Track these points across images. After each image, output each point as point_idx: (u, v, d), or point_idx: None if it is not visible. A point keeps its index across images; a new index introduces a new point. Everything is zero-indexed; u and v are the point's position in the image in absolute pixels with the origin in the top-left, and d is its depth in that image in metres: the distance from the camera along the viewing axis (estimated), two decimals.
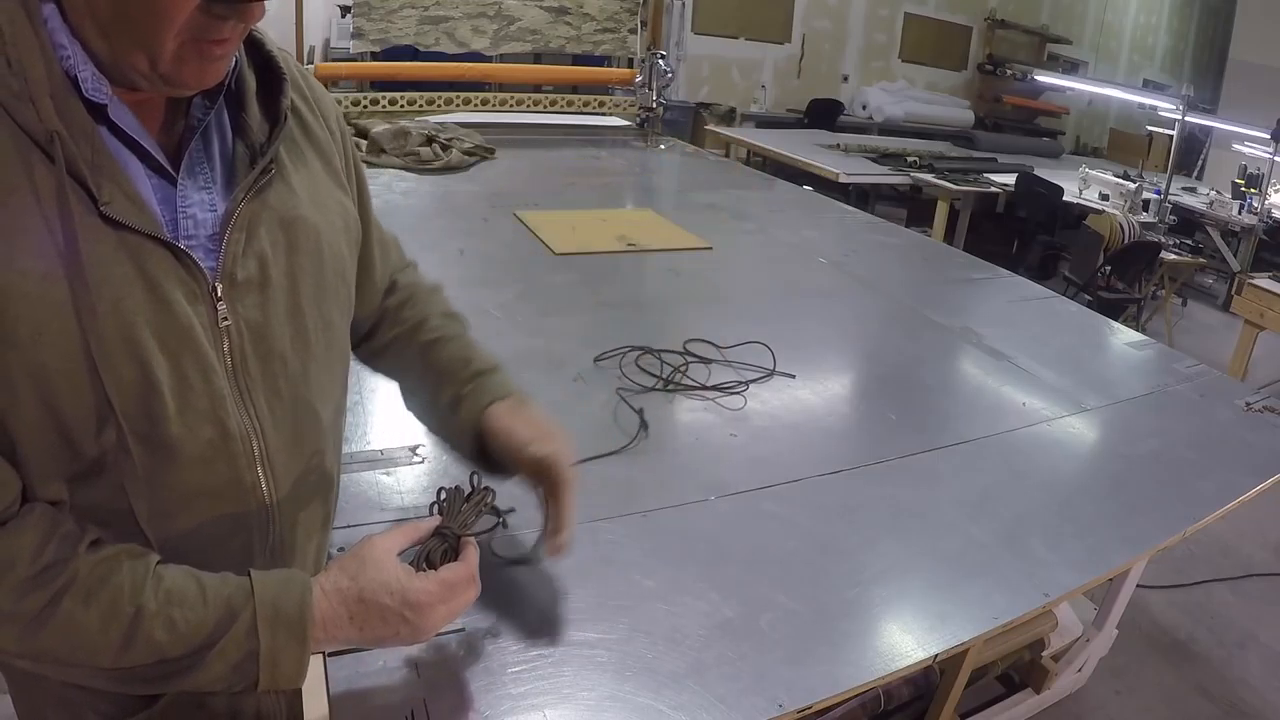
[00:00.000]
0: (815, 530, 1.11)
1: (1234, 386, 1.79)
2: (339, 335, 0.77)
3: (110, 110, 0.59)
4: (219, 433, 0.65)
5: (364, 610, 0.66)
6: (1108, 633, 2.05)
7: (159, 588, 0.61)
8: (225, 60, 0.61)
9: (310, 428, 0.73)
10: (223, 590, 0.63)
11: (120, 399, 0.59)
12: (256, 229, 0.66)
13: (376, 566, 0.68)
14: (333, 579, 0.67)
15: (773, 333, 1.67)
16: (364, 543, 0.70)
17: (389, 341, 0.93)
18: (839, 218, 2.92)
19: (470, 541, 0.76)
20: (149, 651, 0.61)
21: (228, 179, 0.66)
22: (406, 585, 0.68)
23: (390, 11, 3.68)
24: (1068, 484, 1.31)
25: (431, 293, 0.98)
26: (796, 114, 7.60)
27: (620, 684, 0.82)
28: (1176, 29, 10.10)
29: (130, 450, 0.61)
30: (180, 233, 0.63)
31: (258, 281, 0.67)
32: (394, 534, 0.72)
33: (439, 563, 0.73)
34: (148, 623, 0.60)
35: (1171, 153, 5.34)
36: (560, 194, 2.86)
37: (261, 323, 0.67)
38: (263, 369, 0.68)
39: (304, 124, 0.75)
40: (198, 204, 0.64)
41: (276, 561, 0.74)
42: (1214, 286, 6.01)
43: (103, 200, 0.57)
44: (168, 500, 0.65)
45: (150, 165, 0.62)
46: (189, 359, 0.62)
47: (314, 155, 0.75)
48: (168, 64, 0.57)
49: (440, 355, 0.91)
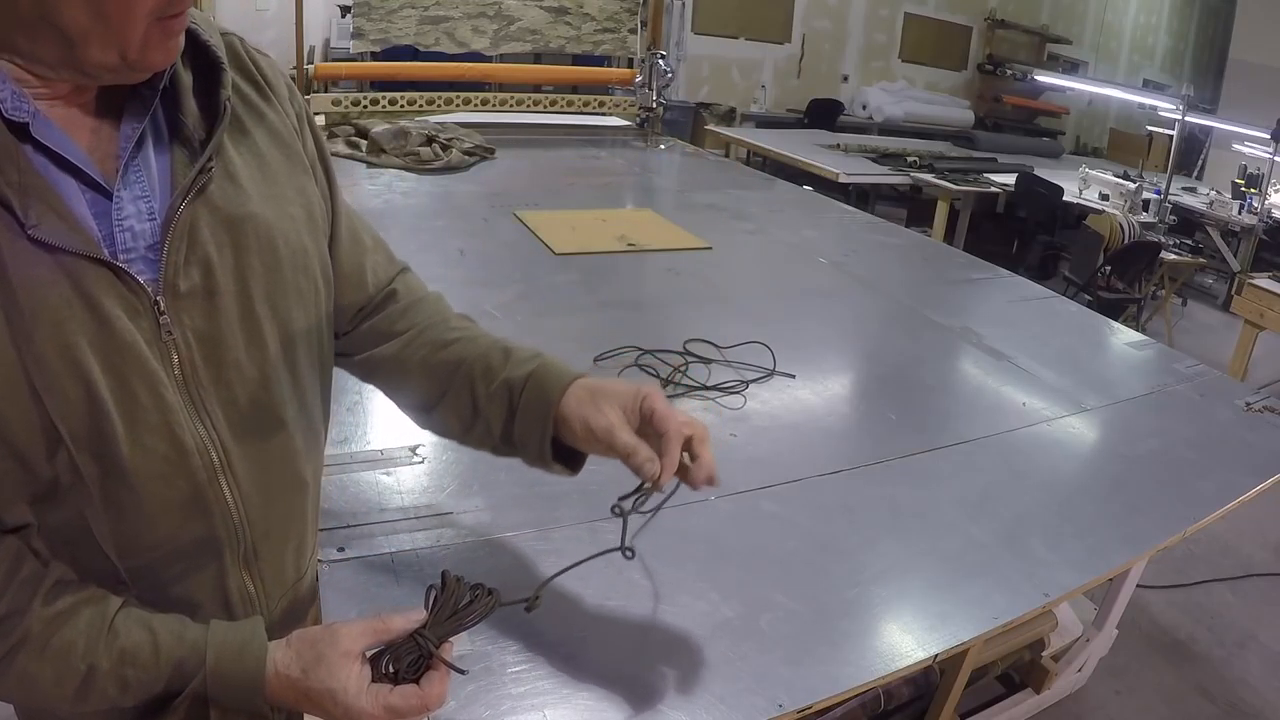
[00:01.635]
0: (815, 530, 1.11)
1: (1234, 386, 1.79)
2: (303, 333, 0.73)
3: (33, 128, 0.56)
4: (174, 447, 0.64)
5: (308, 705, 0.66)
6: (1108, 633, 2.06)
7: (113, 645, 0.62)
8: (181, 35, 0.60)
9: (275, 433, 0.72)
10: (176, 651, 0.64)
11: (67, 422, 0.58)
12: (199, 233, 0.64)
13: (329, 669, 0.64)
14: (287, 662, 0.65)
15: (773, 333, 1.67)
16: (327, 633, 0.66)
17: (392, 352, 0.85)
18: (839, 218, 2.92)
19: (444, 657, 0.67)
20: (103, 702, 0.63)
21: (166, 184, 0.64)
22: (351, 702, 0.63)
23: (390, 11, 3.67)
24: (1068, 484, 1.31)
25: (438, 299, 0.91)
26: (796, 114, 7.60)
27: (620, 684, 0.82)
28: (1176, 29, 10.10)
29: (83, 473, 0.60)
30: (118, 247, 0.61)
31: (203, 289, 0.64)
32: (363, 629, 0.67)
33: (403, 672, 0.66)
34: (101, 680, 0.62)
35: (1171, 153, 5.33)
36: (560, 194, 2.86)
37: (211, 331, 0.65)
38: (216, 378, 0.66)
39: (255, 111, 0.71)
40: (134, 215, 0.62)
41: (251, 571, 0.73)
42: (1214, 286, 6.00)
43: (30, 223, 0.55)
44: (131, 519, 0.64)
45: (83, 180, 0.60)
46: (135, 376, 0.61)
47: (269, 143, 0.71)
48: (135, 51, 0.56)
49: (470, 355, 0.82)
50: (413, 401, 0.86)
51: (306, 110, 0.78)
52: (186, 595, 0.70)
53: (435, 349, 0.83)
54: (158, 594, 0.68)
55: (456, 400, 0.82)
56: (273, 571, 0.76)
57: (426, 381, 0.84)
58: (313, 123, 0.79)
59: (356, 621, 0.67)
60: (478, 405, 0.81)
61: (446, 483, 1.14)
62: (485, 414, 0.81)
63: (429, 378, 0.83)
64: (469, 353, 0.82)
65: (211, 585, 0.71)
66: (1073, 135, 9.68)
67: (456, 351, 0.83)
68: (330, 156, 0.81)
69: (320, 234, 0.76)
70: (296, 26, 3.52)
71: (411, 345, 0.84)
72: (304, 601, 0.85)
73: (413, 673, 0.66)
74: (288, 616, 0.81)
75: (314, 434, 0.79)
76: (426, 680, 0.66)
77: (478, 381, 0.81)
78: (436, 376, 0.83)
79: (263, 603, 0.76)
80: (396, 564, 0.96)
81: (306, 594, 0.85)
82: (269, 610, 0.77)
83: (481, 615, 0.69)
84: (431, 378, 0.83)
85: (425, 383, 0.84)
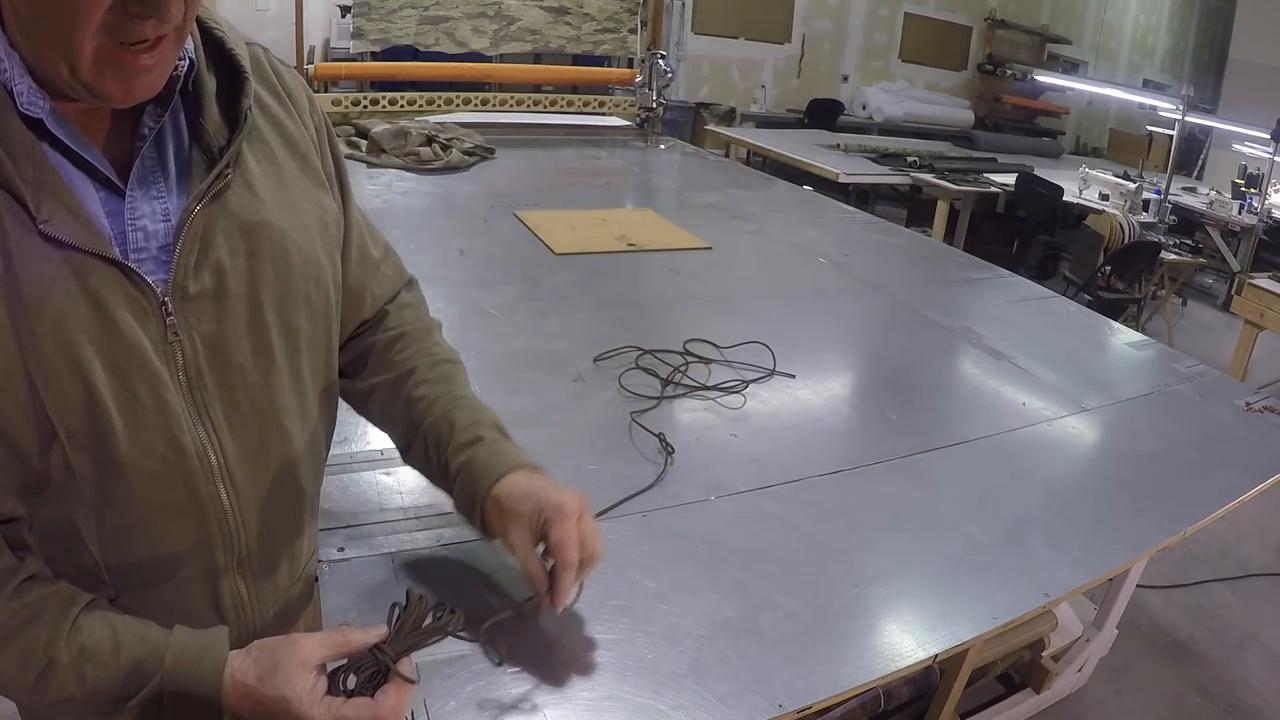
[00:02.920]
0: (815, 530, 1.11)
1: (1234, 386, 1.78)
2: (309, 342, 0.74)
3: (48, 123, 0.57)
4: (172, 449, 0.64)
5: (263, 712, 0.65)
6: (1108, 633, 2.05)
7: (74, 641, 0.63)
8: (154, 73, 0.58)
9: (275, 438, 0.72)
10: (136, 651, 0.64)
11: (63, 418, 0.59)
12: (213, 237, 0.64)
13: (285, 676, 0.64)
14: (244, 669, 0.65)
15: (773, 333, 1.67)
16: (286, 642, 0.66)
17: (372, 388, 0.87)
18: (839, 218, 2.92)
19: (402, 674, 0.66)
20: (61, 695, 0.63)
21: (184, 187, 0.64)
22: (304, 711, 0.63)
23: (390, 11, 3.68)
24: (1068, 484, 1.31)
25: (425, 334, 0.91)
26: (796, 114, 7.60)
27: (620, 684, 0.82)
28: (1176, 29, 10.10)
29: (75, 471, 0.60)
30: (129, 246, 0.61)
31: (213, 293, 0.65)
32: (324, 641, 0.67)
33: (360, 686, 0.65)
34: (60, 674, 0.62)
35: (1171, 153, 5.33)
36: (560, 194, 2.86)
37: (218, 335, 0.65)
38: (220, 382, 0.66)
39: (275, 122, 0.72)
40: (149, 215, 0.62)
41: (244, 576, 0.73)
42: (1214, 286, 6.00)
43: (41, 218, 0.56)
44: (124, 517, 0.64)
45: (98, 178, 0.60)
46: (138, 376, 0.61)
47: (287, 154, 0.72)
48: (87, 71, 0.54)
49: (426, 419, 0.85)
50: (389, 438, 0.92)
51: (327, 123, 0.79)
52: (177, 597, 0.70)
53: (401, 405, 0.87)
54: (148, 594, 0.68)
55: (417, 460, 0.87)
56: (266, 576, 0.76)
57: (394, 433, 0.89)
58: (332, 137, 0.80)
59: (317, 634, 0.67)
60: (431, 474, 0.87)
61: None
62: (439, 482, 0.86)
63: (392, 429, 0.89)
64: (424, 419, 0.85)
65: (204, 588, 0.71)
66: (1073, 135, 9.68)
67: (417, 414, 0.86)
68: (347, 172, 0.82)
69: (334, 246, 0.77)
70: (296, 26, 3.52)
71: (378, 393, 0.87)
72: (296, 606, 0.85)
73: (369, 687, 0.66)
74: (280, 621, 0.81)
75: (316, 443, 0.80)
76: (382, 694, 0.65)
77: (430, 455, 0.85)
78: (400, 435, 0.88)
79: (254, 608, 0.76)
80: (396, 564, 0.96)
81: (299, 599, 0.85)
82: (261, 615, 0.77)
83: (442, 634, 0.70)
84: (397, 434, 0.88)
85: (394, 434, 0.89)
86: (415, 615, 0.69)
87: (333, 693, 0.65)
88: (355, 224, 0.83)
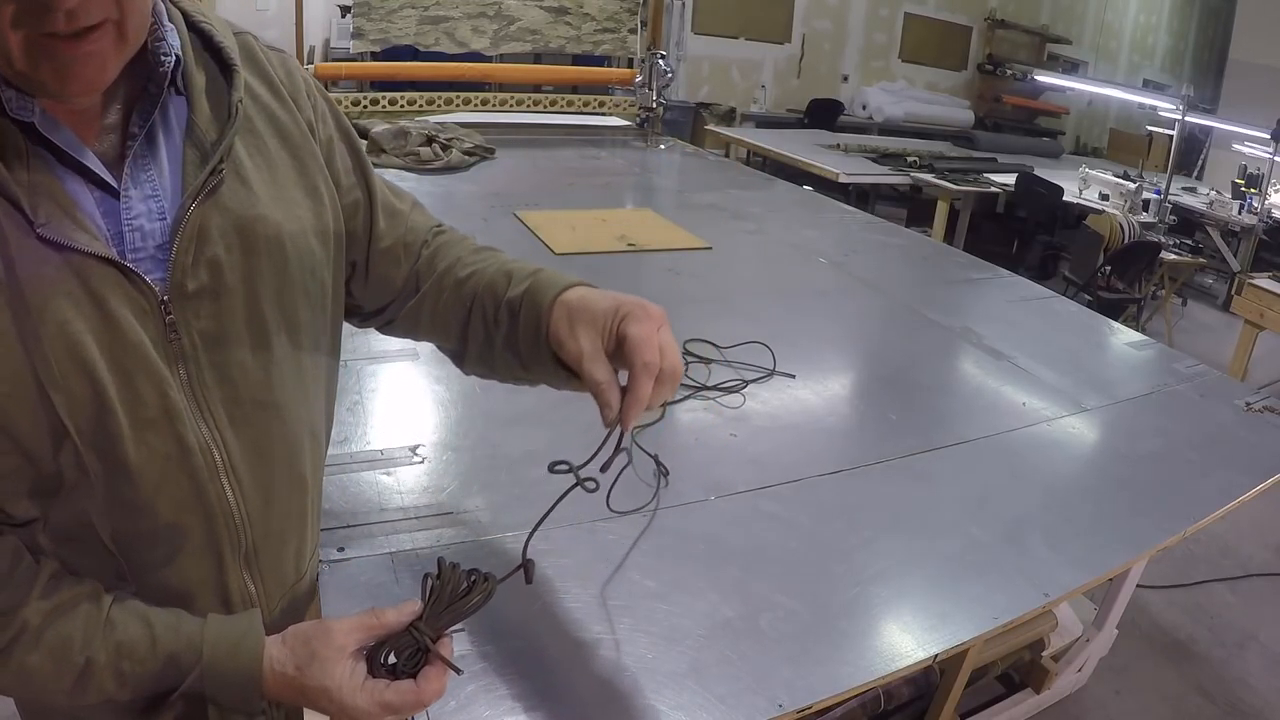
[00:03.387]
0: (815, 530, 1.11)
1: (1234, 386, 1.79)
2: (309, 335, 0.74)
3: (40, 127, 0.56)
4: (177, 447, 0.64)
5: (304, 700, 0.66)
6: (1108, 633, 2.06)
7: (110, 638, 0.63)
8: (91, 64, 0.55)
9: (278, 434, 0.72)
10: (171, 645, 0.64)
11: (73, 419, 0.59)
12: (208, 234, 0.64)
13: (323, 666, 0.64)
14: (282, 660, 0.66)
15: (773, 333, 1.67)
16: (320, 629, 0.67)
17: (420, 298, 0.84)
18: (839, 218, 2.92)
19: (441, 653, 0.66)
20: (101, 695, 0.63)
21: (177, 184, 0.64)
22: (346, 699, 0.64)
23: (390, 11, 3.68)
24: (1068, 484, 1.31)
25: (460, 240, 0.89)
26: (796, 114, 7.60)
27: (620, 684, 0.82)
28: (1176, 29, 10.10)
29: (88, 469, 0.61)
30: (126, 246, 0.61)
31: (211, 290, 0.65)
32: (356, 625, 0.67)
33: (401, 665, 0.65)
34: (98, 673, 0.62)
35: (1171, 153, 5.33)
36: (560, 194, 2.86)
37: (217, 332, 0.65)
38: (220, 379, 0.66)
39: (267, 113, 0.71)
40: (144, 214, 0.62)
41: (251, 570, 0.73)
42: (1214, 286, 6.00)
43: (39, 221, 0.56)
44: (132, 515, 0.64)
45: (92, 179, 0.60)
46: (140, 375, 0.61)
47: (279, 145, 0.72)
48: (20, 60, 0.53)
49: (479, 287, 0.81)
50: (446, 349, 0.87)
51: (327, 99, 0.78)
52: (187, 593, 0.70)
53: (451, 291, 0.82)
54: (158, 591, 0.68)
55: (475, 340, 0.82)
56: (273, 571, 0.76)
57: (448, 327, 0.84)
58: (334, 110, 0.79)
59: (349, 617, 0.68)
60: (492, 339, 0.80)
61: (446, 483, 1.14)
62: (500, 346, 0.79)
63: (450, 323, 0.83)
64: (479, 285, 0.81)
65: (212, 584, 0.71)
66: (1073, 135, 9.68)
67: (469, 288, 0.81)
68: (357, 137, 0.82)
69: (329, 237, 0.76)
70: (296, 26, 3.52)
71: (428, 296, 0.84)
72: (303, 601, 0.85)
73: (411, 666, 0.66)
74: (287, 616, 0.81)
75: (317, 436, 0.80)
76: (423, 676, 0.66)
77: (488, 313, 0.80)
78: (456, 320, 0.82)
79: (262, 602, 0.76)
80: (396, 564, 0.97)
81: (306, 594, 0.86)
82: (268, 609, 0.77)
83: (479, 605, 0.68)
84: (452, 322, 0.83)
85: (448, 329, 0.84)
86: (449, 587, 0.67)
87: (374, 673, 0.65)
88: (376, 186, 0.83)
